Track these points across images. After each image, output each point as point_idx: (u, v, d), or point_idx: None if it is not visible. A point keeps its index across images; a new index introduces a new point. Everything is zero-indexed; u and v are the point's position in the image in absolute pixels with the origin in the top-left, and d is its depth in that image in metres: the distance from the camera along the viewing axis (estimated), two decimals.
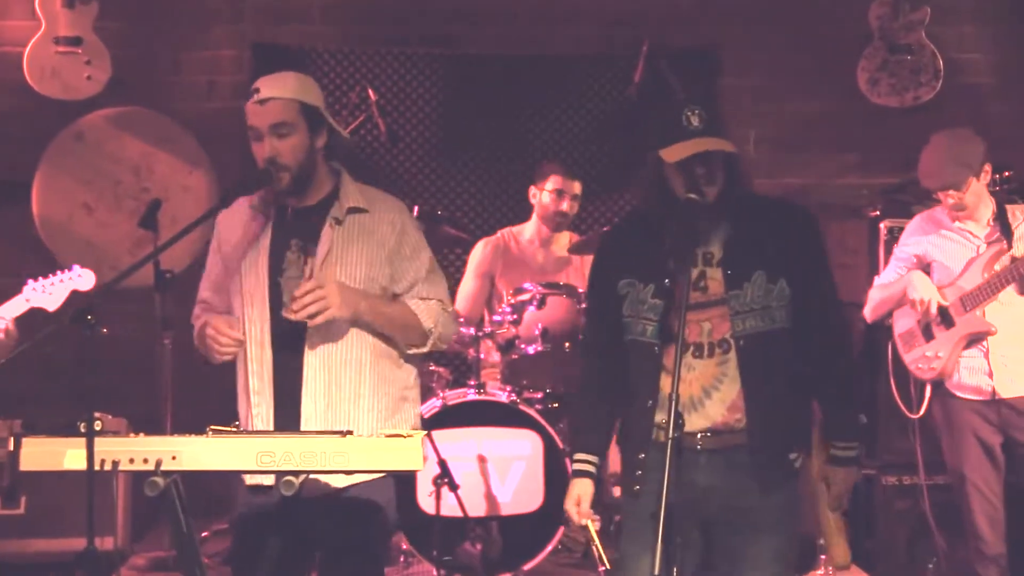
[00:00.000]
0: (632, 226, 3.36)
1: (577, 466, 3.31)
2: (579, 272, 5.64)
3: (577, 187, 5.77)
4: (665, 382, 3.14)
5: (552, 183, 5.74)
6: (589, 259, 3.44)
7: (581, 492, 3.27)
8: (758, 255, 3.13)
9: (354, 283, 3.34)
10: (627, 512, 3.30)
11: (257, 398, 3.34)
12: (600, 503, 5.34)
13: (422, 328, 3.41)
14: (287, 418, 3.30)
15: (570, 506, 3.28)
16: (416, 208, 5.42)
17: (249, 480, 3.35)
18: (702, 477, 3.11)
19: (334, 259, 3.35)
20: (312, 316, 3.22)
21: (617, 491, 5.36)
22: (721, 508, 3.14)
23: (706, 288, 3.14)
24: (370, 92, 5.98)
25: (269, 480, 3.25)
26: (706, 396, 3.13)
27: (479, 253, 5.83)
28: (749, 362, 3.11)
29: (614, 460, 5.44)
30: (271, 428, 3.30)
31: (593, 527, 3.28)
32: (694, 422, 3.10)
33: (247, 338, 3.36)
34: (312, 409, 3.30)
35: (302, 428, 3.28)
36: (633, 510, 3.20)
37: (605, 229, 5.60)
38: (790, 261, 3.14)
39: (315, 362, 3.32)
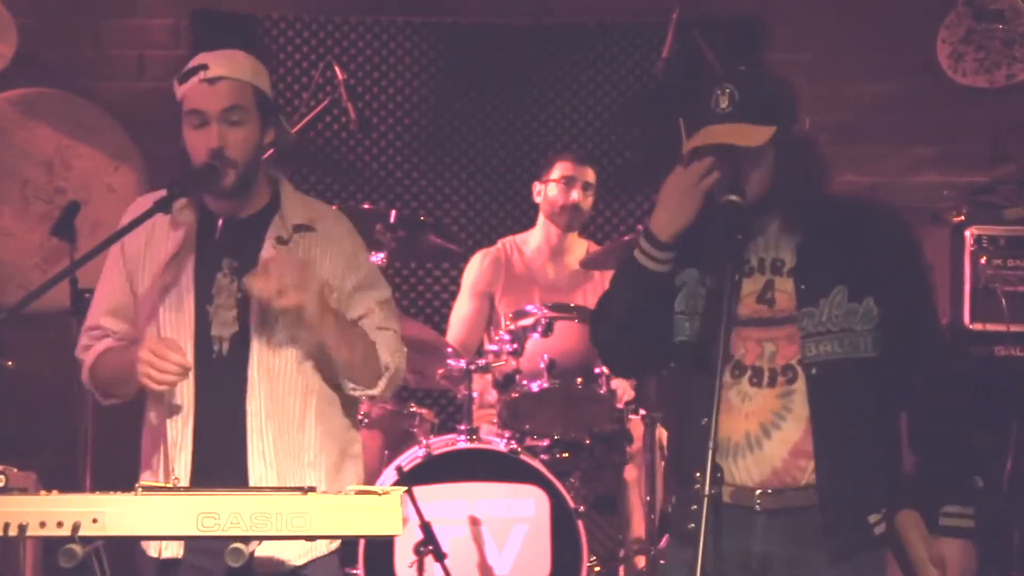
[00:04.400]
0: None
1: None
2: (597, 290, 5.62)
3: (590, 175, 5.82)
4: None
5: (559, 170, 5.78)
6: (609, 275, 3.42)
7: None
8: (839, 266, 3.10)
9: None
10: (674, 559, 3.22)
11: (175, 451, 3.37)
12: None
13: (379, 363, 3.44)
14: (208, 476, 3.29)
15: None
16: (393, 213, 5.42)
17: (153, 550, 3.34)
18: (758, 544, 3.08)
19: None
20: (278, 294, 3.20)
21: (641, 561, 5.37)
22: None
23: (773, 301, 3.12)
24: (337, 70, 6.00)
25: (178, 551, 3.28)
26: (764, 435, 3.08)
27: (475, 268, 5.85)
28: (822, 396, 3.06)
29: (637, 523, 5.49)
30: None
31: None
32: (749, 468, 3.08)
33: None
34: (263, 469, 3.34)
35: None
36: (684, 559, 3.03)
37: (626, 238, 5.62)
38: (881, 276, 3.10)
39: (256, 410, 3.36)
